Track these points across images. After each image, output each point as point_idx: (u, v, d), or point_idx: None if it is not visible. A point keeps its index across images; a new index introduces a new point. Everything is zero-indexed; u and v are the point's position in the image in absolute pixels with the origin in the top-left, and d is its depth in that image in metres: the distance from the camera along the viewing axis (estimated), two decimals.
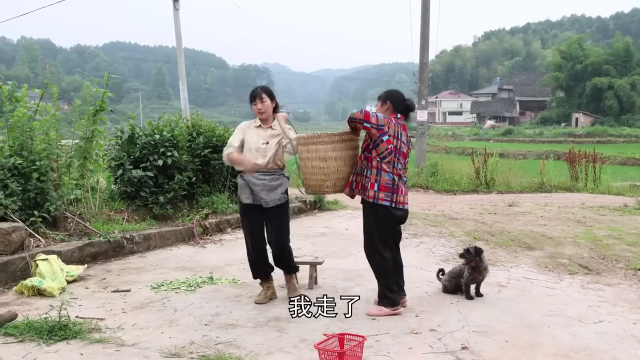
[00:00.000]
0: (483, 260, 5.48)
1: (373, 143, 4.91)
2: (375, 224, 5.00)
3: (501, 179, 15.12)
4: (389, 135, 4.87)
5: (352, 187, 5.06)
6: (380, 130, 4.85)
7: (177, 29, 17.58)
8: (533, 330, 4.58)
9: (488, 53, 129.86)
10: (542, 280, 6.08)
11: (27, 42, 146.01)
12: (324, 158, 5.04)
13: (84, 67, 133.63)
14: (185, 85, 17.70)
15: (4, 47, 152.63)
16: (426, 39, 16.79)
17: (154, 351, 4.17)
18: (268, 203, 5.24)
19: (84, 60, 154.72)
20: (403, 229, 8.99)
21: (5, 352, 4.11)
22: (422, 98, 16.84)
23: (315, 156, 5.05)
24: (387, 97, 5.14)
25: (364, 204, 5.06)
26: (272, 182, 5.27)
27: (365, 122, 4.86)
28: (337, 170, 5.05)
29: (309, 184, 5.15)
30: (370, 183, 4.93)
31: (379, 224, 5.00)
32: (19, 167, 6.81)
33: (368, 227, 5.07)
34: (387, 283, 5.04)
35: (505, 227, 9.20)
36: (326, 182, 5.09)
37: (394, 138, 4.90)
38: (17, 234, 6.15)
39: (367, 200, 4.99)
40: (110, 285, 5.94)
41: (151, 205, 8.51)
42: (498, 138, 57.08)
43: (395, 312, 4.99)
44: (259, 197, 5.23)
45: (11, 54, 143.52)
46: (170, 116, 9.75)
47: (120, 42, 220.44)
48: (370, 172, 4.94)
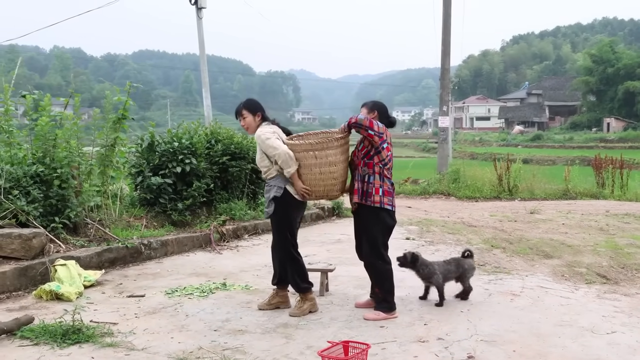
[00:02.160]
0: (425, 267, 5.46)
1: (375, 150, 5.00)
2: (380, 230, 5.08)
3: (525, 185, 14.94)
4: (387, 142, 5.05)
5: (359, 194, 5.09)
6: (381, 137, 4.99)
7: (200, 37, 17.81)
8: (542, 340, 4.54)
9: (516, 57, 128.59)
10: (557, 290, 6.01)
11: (60, 51, 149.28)
12: (334, 162, 5.07)
13: (113, 75, 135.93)
14: (209, 92, 17.90)
15: (37, 57, 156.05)
16: (447, 45, 16.72)
17: (162, 356, 4.24)
18: (266, 214, 5.37)
19: (114, 68, 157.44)
20: (419, 236, 9.07)
21: (20, 355, 4.23)
22: (443, 104, 16.76)
23: (325, 162, 5.06)
24: (375, 107, 5.26)
25: (367, 210, 5.07)
26: (265, 194, 5.38)
27: (370, 130, 4.95)
28: (343, 174, 5.17)
29: (316, 189, 5.15)
30: (375, 188, 5.00)
31: (383, 229, 5.09)
32: (41, 174, 6.99)
33: (372, 233, 5.09)
34: (390, 288, 5.15)
35: (525, 235, 9.10)
36: (335, 186, 5.16)
37: (391, 145, 5.10)
38: (38, 240, 6.31)
39: (371, 206, 5.02)
40: (125, 291, 6.05)
41: (170, 212, 8.64)
42: (526, 143, 56.44)
43: (394, 316, 5.08)
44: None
45: (44, 63, 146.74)
46: (189, 124, 9.88)
47: (149, 50, 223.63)
48: (373, 177, 5.01)
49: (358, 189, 5.08)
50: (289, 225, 5.26)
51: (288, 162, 5.04)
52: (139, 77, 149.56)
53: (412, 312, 5.28)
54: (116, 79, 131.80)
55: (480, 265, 7.11)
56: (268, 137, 5.12)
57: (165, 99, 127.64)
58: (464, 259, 5.71)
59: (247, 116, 5.29)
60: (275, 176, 5.19)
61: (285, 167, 5.07)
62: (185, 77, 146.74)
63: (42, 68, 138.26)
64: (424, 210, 12.18)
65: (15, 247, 6.12)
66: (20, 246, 6.14)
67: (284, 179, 5.16)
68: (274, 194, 5.17)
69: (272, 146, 5.07)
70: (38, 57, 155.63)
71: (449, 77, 17.28)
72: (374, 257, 5.12)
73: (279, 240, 5.31)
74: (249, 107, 5.32)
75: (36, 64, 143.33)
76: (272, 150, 5.08)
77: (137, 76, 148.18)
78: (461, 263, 5.63)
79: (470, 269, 5.65)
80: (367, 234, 5.14)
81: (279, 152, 5.03)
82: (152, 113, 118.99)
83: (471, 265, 5.68)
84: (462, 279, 5.61)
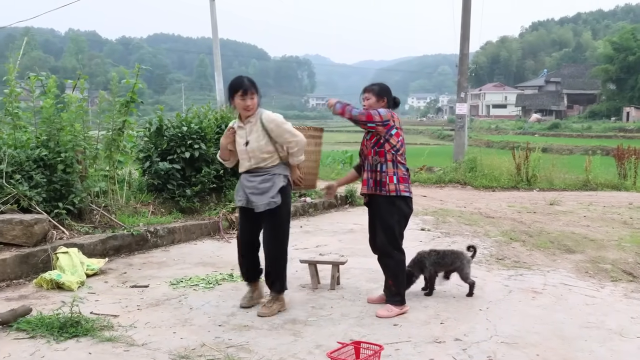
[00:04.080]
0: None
1: (383, 138, 4.81)
2: (397, 219, 4.85)
3: (543, 175, 14.52)
4: (396, 127, 4.85)
5: (368, 185, 4.89)
6: (386, 125, 4.79)
7: (213, 20, 17.58)
8: (568, 343, 4.24)
9: (535, 44, 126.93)
10: (581, 287, 5.69)
11: (75, 34, 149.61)
12: (317, 152, 5.19)
13: (128, 59, 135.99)
14: (221, 76, 17.70)
15: (53, 39, 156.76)
16: (467, 29, 16.27)
17: (163, 353, 4.01)
18: (258, 207, 4.76)
19: (128, 51, 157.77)
20: (435, 227, 8.77)
21: (15, 348, 4.03)
22: (461, 90, 16.34)
23: (316, 150, 5.14)
24: (383, 93, 4.96)
25: (382, 200, 4.84)
26: (261, 184, 4.78)
27: (369, 123, 4.78)
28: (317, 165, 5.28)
29: (307, 177, 5.14)
30: (389, 177, 4.80)
31: (400, 218, 4.87)
32: (45, 158, 6.77)
33: (388, 222, 4.84)
34: (404, 281, 4.97)
35: (545, 228, 8.77)
36: (317, 175, 5.33)
37: (400, 130, 4.90)
38: (40, 226, 6.09)
39: (388, 195, 4.81)
40: (129, 280, 5.83)
41: (178, 198, 8.41)
42: (544, 132, 55.60)
43: (406, 309, 4.89)
44: (250, 200, 4.82)
45: (59, 46, 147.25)
46: (199, 108, 9.63)
47: (164, 33, 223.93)
48: (385, 166, 4.81)
49: (368, 180, 4.89)
50: (289, 217, 4.98)
51: (303, 150, 4.84)
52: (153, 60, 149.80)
53: (428, 309, 5.00)
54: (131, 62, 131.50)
55: (499, 259, 6.82)
56: (285, 122, 4.82)
57: (179, 83, 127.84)
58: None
59: (255, 97, 4.84)
60: (278, 164, 4.83)
61: (299, 155, 4.83)
62: (199, 61, 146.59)
63: (58, 50, 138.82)
64: (439, 200, 11.86)
65: (16, 234, 5.91)
66: (21, 232, 5.93)
67: (285, 167, 4.88)
68: (281, 183, 4.82)
69: (292, 132, 4.76)
70: (53, 40, 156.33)
71: (468, 63, 16.83)
72: (391, 247, 4.87)
73: (282, 233, 4.90)
74: (257, 88, 4.94)
75: (51, 46, 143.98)
76: (291, 137, 4.75)
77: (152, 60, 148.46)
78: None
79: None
80: (382, 223, 4.87)
81: (299, 139, 4.78)
82: (167, 97, 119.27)
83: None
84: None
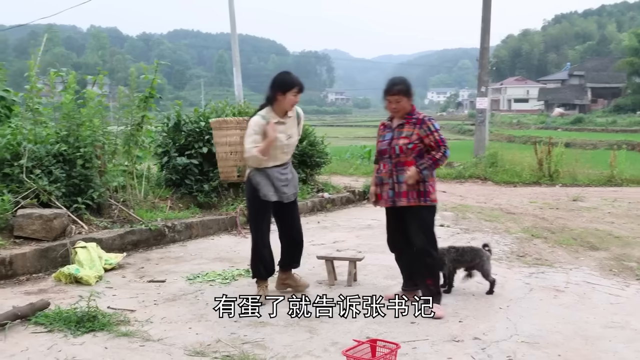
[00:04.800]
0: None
1: (425, 147, 4.75)
2: (434, 220, 4.90)
3: (566, 170, 14.25)
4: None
5: (408, 196, 4.72)
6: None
7: (231, 15, 17.54)
8: (591, 343, 4.13)
9: (558, 37, 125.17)
10: (605, 286, 5.55)
11: (96, 31, 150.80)
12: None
13: (149, 55, 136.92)
14: (239, 71, 17.65)
15: (75, 36, 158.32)
16: (487, 22, 16.03)
17: (178, 348, 4.00)
18: (290, 197, 5.04)
19: (149, 47, 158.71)
20: (455, 223, 8.66)
21: (32, 342, 4.05)
22: (482, 84, 16.11)
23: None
24: (410, 89, 4.80)
25: (422, 209, 4.76)
26: (290, 175, 5.10)
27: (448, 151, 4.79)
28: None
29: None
30: (432, 186, 4.78)
31: (435, 219, 4.94)
32: (64, 153, 6.80)
33: (429, 226, 4.85)
34: (439, 279, 5.03)
35: (568, 224, 8.60)
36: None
37: None
38: (59, 221, 6.13)
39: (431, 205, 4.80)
40: (147, 275, 5.84)
41: (196, 193, 8.42)
42: (567, 127, 54.77)
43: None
44: (282, 192, 4.97)
45: (81, 42, 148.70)
46: (217, 103, 9.62)
47: (184, 29, 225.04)
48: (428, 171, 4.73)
49: (408, 191, 4.70)
50: None
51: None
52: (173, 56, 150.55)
53: (447, 307, 4.90)
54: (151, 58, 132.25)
55: (520, 256, 6.70)
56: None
57: (199, 79, 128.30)
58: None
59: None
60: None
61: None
62: (219, 57, 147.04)
63: (80, 47, 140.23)
64: (459, 195, 11.73)
65: (36, 228, 5.96)
66: (41, 227, 5.98)
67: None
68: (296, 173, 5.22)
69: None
70: (75, 36, 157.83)
71: (488, 57, 16.60)
72: (430, 247, 4.83)
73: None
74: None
75: (74, 43, 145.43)
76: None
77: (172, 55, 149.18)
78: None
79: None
80: (423, 225, 4.80)
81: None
82: (187, 92, 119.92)
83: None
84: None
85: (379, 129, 5.01)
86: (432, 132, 4.69)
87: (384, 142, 4.83)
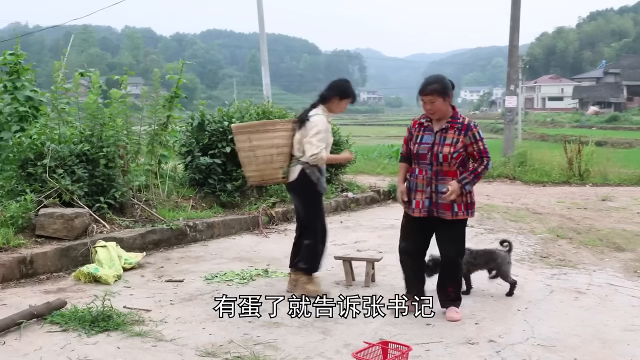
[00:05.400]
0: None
1: (467, 155, 4.53)
2: (465, 232, 4.72)
3: (597, 169, 13.93)
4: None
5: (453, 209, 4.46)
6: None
7: (260, 14, 17.61)
8: (608, 347, 4.02)
9: (593, 35, 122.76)
10: (628, 288, 5.41)
11: (130, 31, 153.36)
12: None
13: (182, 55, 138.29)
14: (268, 70, 17.71)
15: (109, 36, 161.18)
16: (517, 20, 15.77)
17: (190, 348, 4.01)
18: (326, 190, 5.47)
19: (182, 47, 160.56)
20: (479, 223, 8.53)
21: (46, 342, 4.10)
22: (511, 83, 15.88)
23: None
24: (448, 90, 4.45)
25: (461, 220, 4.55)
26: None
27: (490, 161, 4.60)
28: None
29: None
30: (473, 196, 4.57)
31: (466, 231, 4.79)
32: (87, 153, 6.89)
33: (464, 236, 4.68)
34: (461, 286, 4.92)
35: (594, 225, 8.41)
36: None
37: None
38: (80, 220, 6.22)
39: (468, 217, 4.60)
40: (165, 274, 5.88)
41: (219, 193, 8.46)
42: (602, 125, 53.67)
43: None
44: (325, 187, 5.27)
45: (116, 43, 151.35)
46: (241, 102, 9.66)
47: (217, 29, 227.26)
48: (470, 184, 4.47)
49: (452, 204, 4.42)
50: None
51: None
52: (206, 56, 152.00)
53: (464, 308, 4.82)
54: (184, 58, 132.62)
55: (543, 257, 6.58)
56: None
57: (231, 78, 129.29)
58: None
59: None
60: None
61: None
62: (251, 56, 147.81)
63: (114, 47, 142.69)
64: (485, 195, 11.55)
65: (57, 227, 6.06)
66: (62, 226, 6.07)
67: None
68: None
69: None
70: (110, 37, 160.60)
71: (518, 55, 16.35)
72: (461, 258, 4.70)
73: None
74: None
75: (108, 43, 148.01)
76: None
77: (205, 55, 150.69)
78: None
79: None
80: (457, 238, 4.62)
81: None
82: (219, 92, 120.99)
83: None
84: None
85: (413, 127, 4.61)
86: (477, 140, 4.42)
87: (424, 146, 4.45)
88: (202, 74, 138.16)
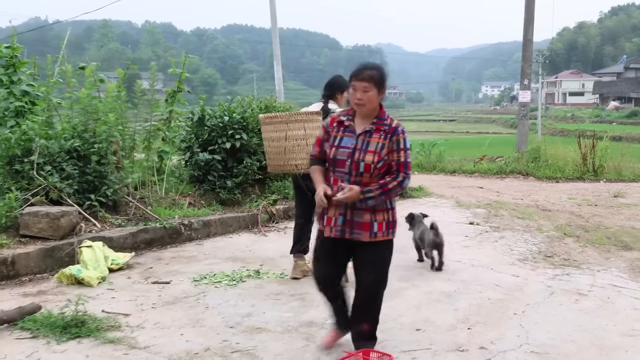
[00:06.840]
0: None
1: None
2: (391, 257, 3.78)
3: (612, 165, 13.50)
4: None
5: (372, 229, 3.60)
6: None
7: (272, 7, 17.40)
8: (605, 354, 3.76)
9: (615, 29, 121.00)
10: (632, 289, 5.11)
11: (150, 26, 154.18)
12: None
13: (202, 50, 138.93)
14: (280, 65, 17.50)
15: (130, 31, 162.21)
16: (531, 13, 15.35)
17: (163, 357, 3.82)
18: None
19: (202, 42, 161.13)
20: (485, 221, 8.24)
21: (13, 349, 3.90)
22: (525, 78, 15.46)
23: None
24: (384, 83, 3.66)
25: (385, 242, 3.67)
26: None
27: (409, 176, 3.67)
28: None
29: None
30: (396, 214, 3.74)
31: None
32: (78, 149, 6.70)
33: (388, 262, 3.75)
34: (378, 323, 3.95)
35: (604, 222, 8.07)
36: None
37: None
38: (66, 219, 6.02)
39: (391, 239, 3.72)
40: (153, 276, 5.69)
41: (218, 190, 8.26)
42: (622, 120, 52.78)
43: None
44: None
45: (136, 38, 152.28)
46: (243, 97, 9.48)
47: (237, 24, 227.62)
48: (393, 201, 3.70)
49: (372, 222, 3.57)
50: None
51: None
52: (227, 51, 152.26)
53: (458, 312, 4.61)
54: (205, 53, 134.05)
55: (547, 256, 6.29)
56: None
57: (252, 73, 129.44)
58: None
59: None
60: None
61: None
62: (271, 52, 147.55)
63: (134, 42, 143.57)
64: (496, 191, 11.24)
65: (42, 227, 5.87)
66: (47, 225, 5.87)
67: None
68: None
69: None
70: (131, 32, 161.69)
71: (532, 49, 15.92)
72: (382, 288, 3.76)
73: None
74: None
75: (128, 38, 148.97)
76: None
77: (225, 50, 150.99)
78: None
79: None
80: (381, 261, 3.69)
81: None
82: (240, 87, 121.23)
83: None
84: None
85: (331, 125, 3.73)
86: (400, 149, 3.55)
87: (343, 151, 3.59)
88: (223, 69, 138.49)
